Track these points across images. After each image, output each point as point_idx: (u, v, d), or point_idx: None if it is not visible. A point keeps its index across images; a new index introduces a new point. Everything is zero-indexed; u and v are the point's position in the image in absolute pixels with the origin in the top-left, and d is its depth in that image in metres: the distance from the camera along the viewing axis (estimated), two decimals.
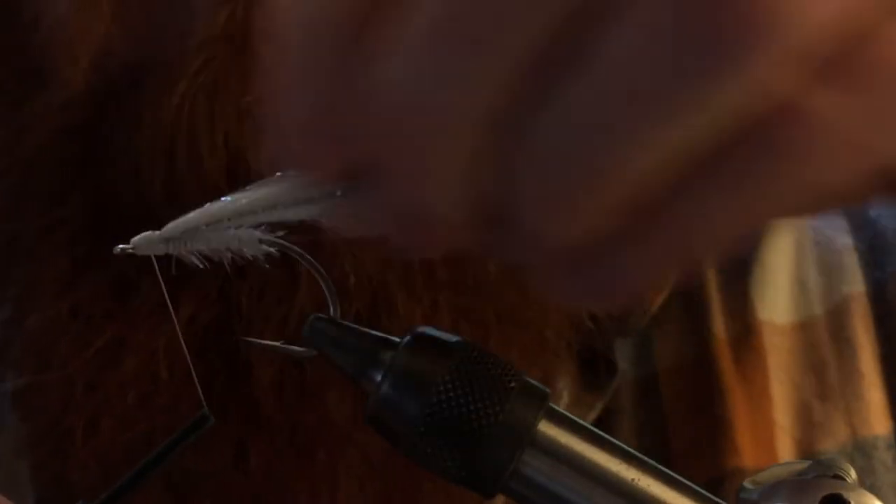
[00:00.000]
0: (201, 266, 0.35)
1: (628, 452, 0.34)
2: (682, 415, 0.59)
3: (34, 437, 0.57)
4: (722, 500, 0.34)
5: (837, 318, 0.62)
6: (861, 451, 0.60)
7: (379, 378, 0.35)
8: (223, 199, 0.35)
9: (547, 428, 0.33)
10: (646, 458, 0.34)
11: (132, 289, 0.54)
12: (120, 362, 0.54)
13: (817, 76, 0.29)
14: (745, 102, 0.28)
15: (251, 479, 0.55)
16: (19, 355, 0.56)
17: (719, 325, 0.61)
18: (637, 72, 0.28)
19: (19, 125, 0.55)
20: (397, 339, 0.36)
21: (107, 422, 0.54)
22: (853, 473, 0.35)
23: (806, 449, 0.59)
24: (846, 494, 0.34)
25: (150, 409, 0.54)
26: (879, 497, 0.35)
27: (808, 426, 0.60)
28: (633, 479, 0.34)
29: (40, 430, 0.56)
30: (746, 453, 0.58)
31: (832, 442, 0.60)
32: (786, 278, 0.62)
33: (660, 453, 0.58)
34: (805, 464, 0.36)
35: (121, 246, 0.35)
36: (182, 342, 0.38)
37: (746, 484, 0.36)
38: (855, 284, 0.62)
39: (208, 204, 0.35)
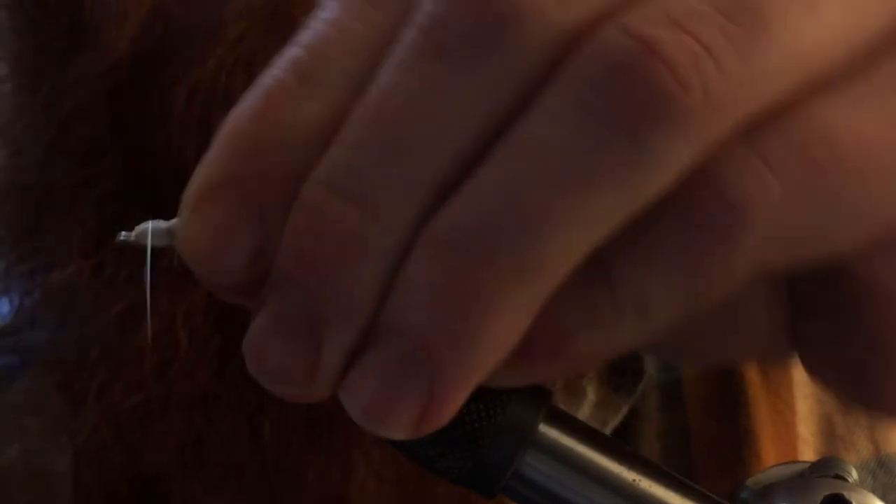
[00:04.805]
0: None
1: (630, 453, 0.34)
2: (706, 424, 0.58)
3: (48, 393, 0.57)
4: None
5: None
6: (884, 467, 0.59)
7: None
8: None
9: (548, 429, 0.33)
10: (648, 459, 0.34)
11: (160, 254, 0.54)
12: (139, 326, 0.54)
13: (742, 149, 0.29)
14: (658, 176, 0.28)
15: (262, 451, 0.54)
16: (40, 311, 0.56)
17: None
18: (548, 153, 0.28)
19: (63, 83, 0.56)
20: None
21: (120, 385, 0.54)
22: (854, 473, 0.34)
23: None
24: (847, 494, 0.34)
25: (166, 376, 0.54)
26: None
27: (830, 440, 0.59)
28: (634, 480, 0.33)
29: (54, 387, 0.56)
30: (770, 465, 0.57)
31: (855, 456, 0.59)
32: None
33: (682, 461, 0.57)
34: (806, 464, 0.35)
35: (123, 233, 0.34)
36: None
37: (748, 483, 0.36)
38: None
39: None
